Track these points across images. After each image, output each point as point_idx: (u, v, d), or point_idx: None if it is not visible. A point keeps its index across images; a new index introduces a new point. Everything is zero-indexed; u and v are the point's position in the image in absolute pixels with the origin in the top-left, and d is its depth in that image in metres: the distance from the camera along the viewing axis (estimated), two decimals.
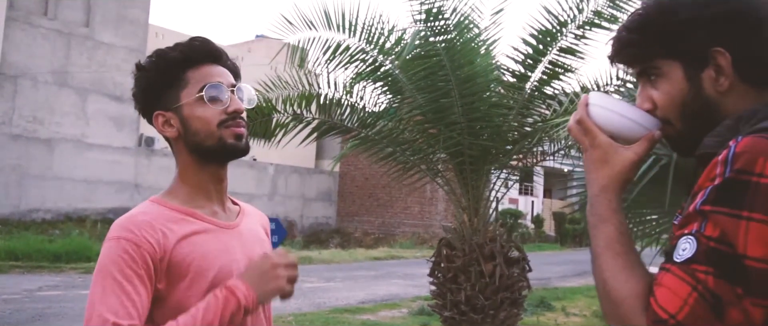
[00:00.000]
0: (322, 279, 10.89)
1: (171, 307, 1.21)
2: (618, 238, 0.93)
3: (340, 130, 4.97)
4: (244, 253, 1.32)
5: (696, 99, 0.99)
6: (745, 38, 0.96)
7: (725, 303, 0.78)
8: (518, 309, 4.84)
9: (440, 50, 4.13)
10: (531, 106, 4.84)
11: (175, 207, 1.27)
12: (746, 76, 0.97)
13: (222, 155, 1.28)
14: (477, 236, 4.74)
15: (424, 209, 19.94)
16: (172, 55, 1.27)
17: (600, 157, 0.99)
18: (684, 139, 1.02)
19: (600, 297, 0.94)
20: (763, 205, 0.79)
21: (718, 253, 0.79)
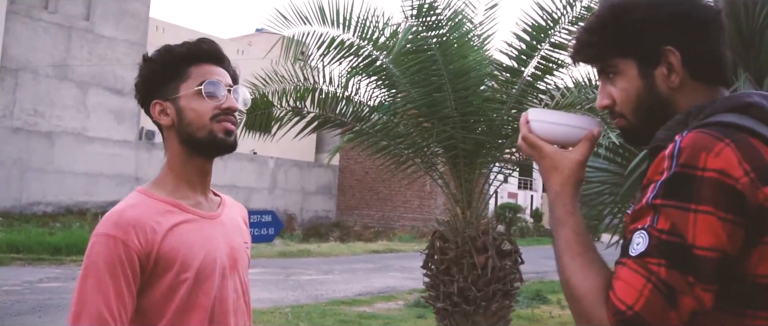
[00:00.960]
0: (321, 272, 10.98)
1: (158, 295, 1.26)
2: (575, 239, 0.99)
3: (334, 124, 5.03)
4: (225, 242, 1.38)
5: (650, 95, 1.05)
6: (693, 38, 1.03)
7: (678, 292, 0.84)
8: (510, 301, 4.90)
9: (433, 45, 4.18)
10: (524, 101, 4.89)
11: (161, 198, 1.33)
12: (696, 73, 1.04)
13: (210, 148, 1.35)
14: (470, 229, 4.80)
15: (423, 203, 20.01)
16: (179, 50, 1.35)
17: (549, 165, 1.06)
18: (638, 131, 1.09)
19: (565, 296, 1.00)
20: (708, 197, 0.85)
21: (669, 245, 0.85)
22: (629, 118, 1.08)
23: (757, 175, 0.87)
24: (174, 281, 1.26)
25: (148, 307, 1.26)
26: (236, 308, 1.39)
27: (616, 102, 1.08)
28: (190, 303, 1.28)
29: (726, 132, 0.90)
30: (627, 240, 0.92)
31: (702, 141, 0.88)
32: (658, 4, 1.04)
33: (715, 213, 0.85)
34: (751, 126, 0.92)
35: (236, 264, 1.40)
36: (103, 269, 1.21)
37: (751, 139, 0.90)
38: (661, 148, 0.99)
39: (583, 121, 1.09)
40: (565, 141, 1.08)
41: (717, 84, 1.05)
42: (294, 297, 8.26)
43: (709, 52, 1.03)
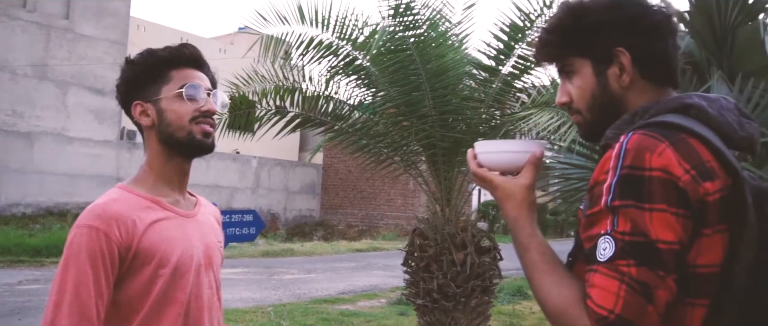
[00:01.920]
0: (303, 270, 10.99)
1: (136, 288, 1.30)
2: (541, 259, 1.03)
3: (314, 123, 5.06)
4: (201, 241, 1.43)
5: (603, 93, 1.11)
6: (643, 40, 1.09)
7: (652, 287, 0.89)
8: (489, 297, 4.97)
9: (410, 45, 4.23)
10: (502, 99, 4.96)
11: (142, 194, 1.37)
12: (645, 73, 1.10)
13: (189, 149, 1.40)
14: (449, 226, 4.86)
15: (407, 201, 20.06)
16: (161, 54, 1.41)
17: (502, 195, 1.11)
18: (592, 127, 1.15)
19: (547, 317, 1.03)
20: (659, 196, 0.91)
21: (635, 245, 0.90)
22: (585, 114, 1.14)
23: (697, 172, 0.92)
24: (152, 275, 1.30)
25: (126, 300, 1.30)
26: (210, 304, 1.44)
27: (573, 99, 1.15)
28: (167, 297, 1.32)
29: (666, 133, 0.95)
30: (591, 248, 0.95)
31: (645, 142, 0.94)
32: (612, 8, 1.09)
33: (668, 209, 0.90)
34: (691, 126, 0.98)
35: (211, 261, 1.45)
36: (85, 259, 1.23)
37: (689, 138, 0.96)
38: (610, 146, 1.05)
39: (525, 146, 1.14)
40: (512, 167, 1.14)
41: (665, 84, 1.11)
42: (277, 297, 8.27)
43: (657, 54, 1.09)
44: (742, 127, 1.05)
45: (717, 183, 0.93)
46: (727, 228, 0.93)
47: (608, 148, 1.03)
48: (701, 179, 0.92)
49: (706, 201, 0.92)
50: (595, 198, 0.97)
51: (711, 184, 0.93)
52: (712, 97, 1.07)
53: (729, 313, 0.90)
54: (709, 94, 1.08)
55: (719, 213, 0.93)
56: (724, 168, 0.95)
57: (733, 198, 0.93)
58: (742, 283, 0.90)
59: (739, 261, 0.91)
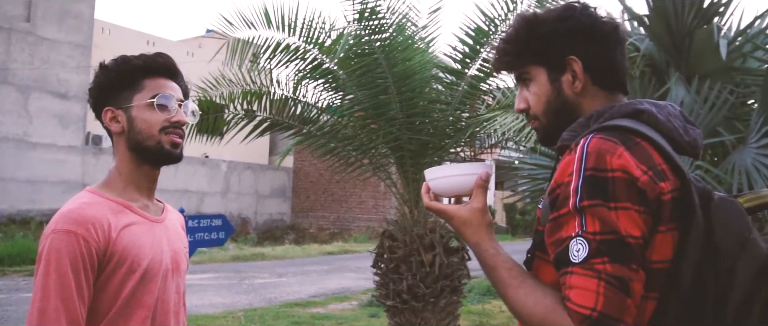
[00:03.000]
0: (275, 274, 10.94)
1: (110, 293, 1.31)
2: (509, 275, 1.07)
3: (283, 126, 5.07)
4: (169, 246, 1.45)
5: (557, 98, 1.17)
6: (593, 49, 1.15)
7: (628, 280, 0.93)
8: (458, 297, 5.03)
9: (376, 49, 4.28)
10: (468, 102, 5.04)
11: (112, 198, 1.39)
12: (596, 80, 1.16)
13: (157, 158, 1.42)
14: (418, 227, 4.91)
15: (378, 203, 20.10)
16: (135, 62, 1.42)
17: (458, 223, 1.15)
18: (549, 131, 1.20)
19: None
20: (623, 195, 0.96)
21: (606, 243, 0.94)
22: (541, 119, 1.20)
23: (653, 173, 0.98)
24: (123, 279, 1.32)
25: (96, 302, 1.31)
26: (177, 309, 1.46)
27: (531, 105, 1.20)
28: (134, 301, 1.33)
29: (622, 137, 1.01)
30: (562, 251, 0.98)
31: (604, 146, 0.99)
32: (564, 18, 1.15)
33: (632, 207, 0.95)
34: (644, 131, 1.04)
35: (178, 267, 1.47)
36: (66, 264, 1.24)
37: (643, 142, 1.02)
38: (567, 147, 1.10)
39: (471, 168, 1.17)
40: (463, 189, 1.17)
41: (615, 90, 1.18)
42: (247, 301, 8.23)
43: (607, 62, 1.16)
44: (687, 133, 1.12)
45: (669, 184, 0.99)
46: (677, 226, 0.99)
47: (565, 150, 1.09)
48: (658, 179, 0.98)
49: (661, 200, 0.98)
50: (561, 200, 1.01)
51: (665, 184, 0.98)
52: (661, 104, 1.13)
53: (675, 306, 0.96)
54: (658, 101, 1.15)
55: (672, 212, 0.98)
56: (673, 171, 1.01)
57: (683, 198, 0.99)
58: (689, 279, 0.96)
59: (687, 257, 0.96)
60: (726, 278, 0.96)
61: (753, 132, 5.31)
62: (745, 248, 0.97)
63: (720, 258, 0.97)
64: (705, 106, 5.36)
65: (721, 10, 5.86)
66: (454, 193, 1.18)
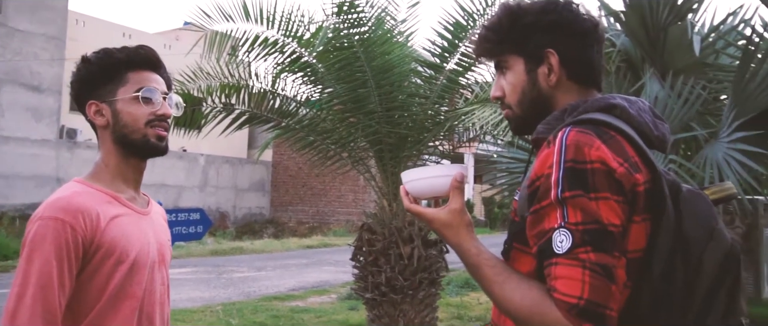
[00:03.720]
0: (253, 268, 10.90)
1: (98, 284, 1.31)
2: (493, 272, 1.08)
3: (261, 120, 5.05)
4: (155, 238, 1.46)
5: (532, 90, 1.19)
6: (571, 44, 1.17)
7: (611, 266, 0.96)
8: (436, 289, 5.08)
9: (355, 42, 4.28)
10: (446, 96, 5.07)
11: (101, 189, 1.39)
12: (571, 74, 1.19)
13: (143, 151, 1.43)
14: (396, 220, 4.94)
15: (357, 197, 20.12)
16: (118, 56, 1.42)
17: (438, 226, 1.16)
18: (522, 121, 1.23)
19: (516, 323, 1.07)
20: (602, 185, 0.98)
21: (589, 232, 0.96)
22: (515, 109, 1.22)
23: (628, 165, 1.01)
24: (111, 270, 1.32)
25: (84, 293, 1.31)
26: (162, 301, 1.47)
27: (505, 94, 1.22)
28: (123, 292, 1.34)
29: (597, 130, 1.04)
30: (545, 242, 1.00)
31: (582, 138, 1.02)
32: (547, 12, 1.18)
33: (612, 197, 0.98)
34: (617, 124, 1.07)
35: (163, 259, 1.48)
36: (50, 251, 1.24)
37: (617, 135, 1.05)
38: (543, 140, 1.13)
39: (446, 170, 1.18)
40: (439, 191, 1.18)
41: (590, 86, 1.20)
42: (226, 295, 8.20)
43: (583, 57, 1.18)
44: (656, 127, 1.15)
45: (642, 176, 1.02)
46: (649, 217, 1.02)
47: (542, 142, 1.12)
48: (634, 170, 1.01)
49: (636, 191, 1.01)
50: (541, 192, 1.03)
51: (640, 176, 1.01)
52: (632, 99, 1.16)
53: (647, 294, 0.99)
54: (629, 97, 1.18)
55: (645, 203, 1.01)
56: (645, 164, 1.04)
57: (655, 190, 1.02)
58: (660, 267, 0.99)
59: (658, 246, 1.00)
60: (695, 266, 1.00)
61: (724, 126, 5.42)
62: (712, 237, 1.01)
63: (689, 247, 1.00)
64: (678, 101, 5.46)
65: (694, 7, 5.96)
66: (430, 195, 1.19)
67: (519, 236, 1.12)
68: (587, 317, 0.94)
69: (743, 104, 5.35)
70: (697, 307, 0.99)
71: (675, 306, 0.99)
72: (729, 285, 1.02)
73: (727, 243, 1.02)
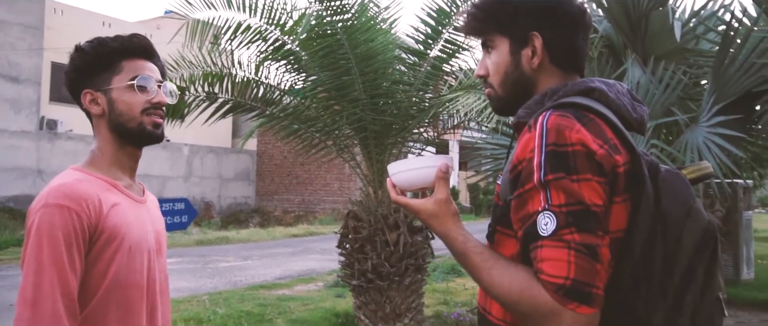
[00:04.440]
0: (239, 258, 10.88)
1: (99, 271, 1.31)
2: (480, 259, 1.09)
3: (245, 109, 5.02)
4: (152, 227, 1.47)
5: (515, 71, 1.21)
6: (557, 29, 1.19)
7: (595, 246, 0.98)
8: (422, 275, 5.11)
9: (338, 29, 4.27)
10: (430, 83, 5.08)
11: (100, 177, 1.40)
12: (554, 59, 1.20)
13: (139, 139, 1.44)
14: (382, 207, 4.95)
15: (343, 185, 20.12)
16: (112, 45, 1.43)
17: (425, 217, 1.17)
18: (503, 101, 1.24)
19: (507, 309, 1.08)
20: (584, 167, 1.00)
21: (573, 213, 0.98)
22: (497, 88, 1.23)
23: (608, 147, 1.03)
24: (112, 257, 1.32)
25: (85, 280, 1.31)
26: (162, 289, 1.48)
27: (489, 73, 1.24)
28: (125, 280, 1.34)
29: (577, 113, 1.05)
30: (530, 226, 1.02)
31: (562, 122, 1.03)
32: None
33: (593, 178, 1.00)
34: (597, 107, 1.08)
35: (161, 248, 1.50)
36: (59, 238, 1.24)
37: (596, 118, 1.06)
38: (524, 124, 1.14)
39: (431, 160, 1.19)
40: (425, 182, 1.19)
41: (572, 71, 1.22)
42: (212, 285, 8.18)
43: (567, 43, 1.20)
44: (634, 110, 1.17)
45: (622, 158, 1.04)
46: (629, 197, 1.04)
47: (523, 126, 1.13)
48: (614, 152, 1.03)
49: (616, 172, 1.03)
50: (524, 176, 1.04)
51: (619, 157, 1.03)
52: (610, 82, 1.18)
53: (628, 272, 1.01)
54: (608, 80, 1.19)
55: (625, 184, 1.03)
56: (624, 145, 1.06)
57: (634, 171, 1.04)
58: (640, 245, 1.01)
59: (638, 225, 1.02)
60: (673, 243, 1.02)
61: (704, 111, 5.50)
62: (689, 215, 1.04)
63: (668, 225, 1.02)
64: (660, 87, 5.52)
65: None
66: (416, 186, 1.20)
67: (502, 219, 1.14)
68: (574, 296, 0.96)
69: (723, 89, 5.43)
70: (676, 283, 1.02)
71: (655, 282, 1.01)
72: (707, 262, 1.04)
73: (705, 220, 1.05)
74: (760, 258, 9.95)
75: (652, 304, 1.01)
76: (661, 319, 1.01)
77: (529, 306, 1.00)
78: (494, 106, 1.27)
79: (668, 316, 1.01)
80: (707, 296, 1.05)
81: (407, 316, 4.94)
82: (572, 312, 0.96)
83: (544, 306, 0.98)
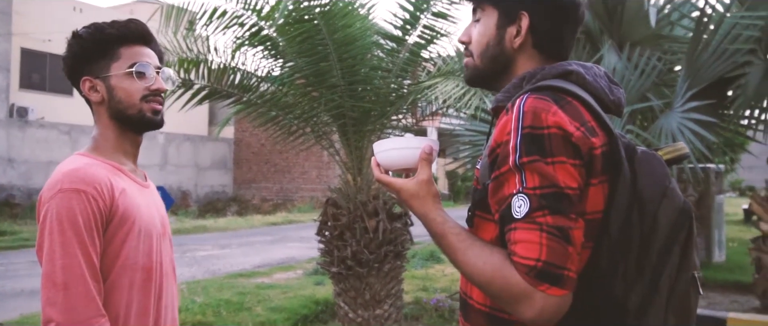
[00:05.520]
0: (218, 246, 10.81)
1: (111, 254, 1.34)
2: (457, 239, 1.09)
3: (222, 95, 4.95)
4: (157, 211, 1.50)
5: (497, 46, 1.21)
6: (545, 14, 1.19)
7: (567, 228, 0.98)
8: (402, 262, 5.12)
9: (316, 15, 4.22)
10: (409, 69, 5.06)
11: (106, 161, 1.42)
12: (537, 43, 1.20)
13: (139, 125, 1.46)
14: (361, 194, 4.95)
15: (321, 173, 20.07)
16: (110, 31, 1.44)
17: (406, 196, 1.17)
18: (477, 72, 1.24)
19: (482, 290, 1.08)
20: (559, 149, 1.00)
21: (546, 196, 0.98)
22: (476, 58, 1.23)
23: (585, 129, 1.03)
24: (123, 239, 1.35)
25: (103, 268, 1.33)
26: (169, 271, 1.51)
27: (472, 41, 1.24)
28: (135, 263, 1.37)
29: (555, 96, 1.06)
30: (505, 209, 1.02)
31: (539, 104, 1.04)
32: None
33: (568, 161, 1.00)
34: (574, 90, 1.09)
35: (166, 231, 1.53)
36: (79, 222, 1.27)
37: (573, 101, 1.07)
38: (502, 108, 1.14)
39: (416, 141, 1.19)
40: (408, 162, 1.19)
41: (553, 60, 1.21)
42: (190, 273, 8.12)
43: (553, 31, 1.19)
44: (612, 92, 1.18)
45: (599, 140, 1.04)
46: (607, 178, 1.05)
47: (501, 110, 1.14)
48: (590, 134, 1.04)
49: (593, 154, 1.03)
50: (501, 159, 1.05)
51: (596, 140, 1.04)
52: (588, 65, 1.19)
53: (606, 251, 1.02)
54: (585, 63, 1.20)
55: (602, 166, 1.04)
56: (601, 127, 1.06)
57: (611, 152, 1.05)
58: (617, 225, 1.02)
59: (615, 206, 1.03)
60: (650, 223, 1.03)
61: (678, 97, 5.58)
62: (665, 195, 1.05)
63: (644, 205, 1.03)
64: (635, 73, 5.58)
65: None
66: (400, 166, 1.20)
67: (481, 204, 1.14)
68: (545, 278, 0.97)
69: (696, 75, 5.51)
70: (653, 263, 1.03)
71: (632, 262, 1.02)
72: (683, 241, 1.06)
73: (680, 200, 1.06)
74: (731, 241, 10.19)
75: (630, 284, 1.02)
76: (638, 298, 1.02)
77: (501, 287, 1.01)
78: (468, 74, 1.27)
79: (645, 295, 1.02)
80: (683, 275, 1.06)
81: (387, 303, 4.96)
82: (543, 293, 0.97)
83: (515, 287, 0.99)
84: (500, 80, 1.22)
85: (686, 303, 1.07)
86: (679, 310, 1.06)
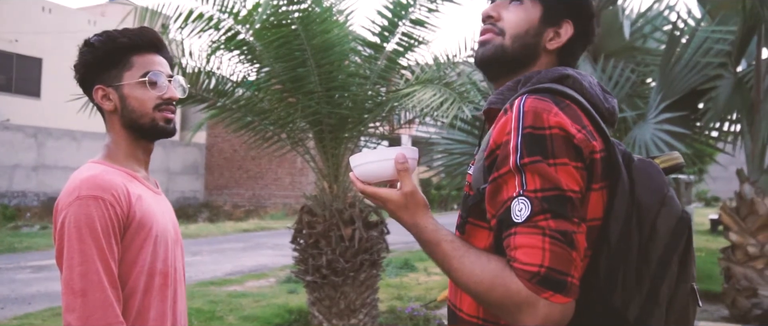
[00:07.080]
0: (188, 253, 10.61)
1: (129, 259, 1.34)
2: (451, 247, 1.05)
3: (195, 100, 4.86)
4: (170, 218, 1.51)
5: (534, 37, 1.18)
6: (582, 26, 1.20)
7: (571, 232, 0.94)
8: (377, 270, 5.08)
9: (294, 20, 4.17)
10: (387, 76, 5.04)
11: (120, 169, 1.42)
12: (562, 50, 1.19)
13: (152, 134, 1.47)
14: (337, 202, 4.89)
15: (295, 179, 19.92)
16: (122, 40, 1.43)
17: (393, 207, 1.12)
18: (504, 52, 1.18)
19: (480, 301, 1.03)
20: (561, 151, 0.97)
21: (548, 199, 0.95)
22: (507, 38, 1.18)
23: (586, 132, 1.01)
24: (140, 246, 1.36)
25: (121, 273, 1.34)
26: (182, 277, 1.52)
27: (504, 20, 1.19)
28: (153, 269, 1.38)
29: (554, 98, 1.04)
30: (504, 212, 0.99)
31: (540, 105, 1.01)
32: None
33: (570, 163, 0.97)
34: (572, 93, 1.07)
35: (178, 238, 1.54)
36: (98, 229, 1.27)
37: (572, 104, 1.05)
38: (496, 111, 1.11)
39: (387, 153, 1.15)
40: (386, 175, 1.15)
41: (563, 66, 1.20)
42: None
43: (577, 43, 1.21)
44: (606, 100, 1.17)
45: (598, 144, 1.02)
46: (606, 185, 1.02)
47: (495, 113, 1.12)
48: (591, 137, 1.01)
49: (594, 158, 1.01)
50: (500, 159, 1.01)
51: (596, 143, 1.01)
52: (582, 72, 1.18)
53: (605, 260, 0.99)
54: (580, 70, 1.18)
55: (602, 171, 1.02)
56: (598, 133, 1.04)
57: (609, 158, 1.03)
58: (616, 234, 0.99)
59: (614, 214, 1.00)
60: (649, 232, 1.01)
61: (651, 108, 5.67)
62: (664, 203, 1.03)
63: (643, 213, 1.01)
64: (609, 84, 5.65)
65: None
66: (380, 178, 1.16)
67: (474, 210, 1.10)
68: (548, 285, 0.93)
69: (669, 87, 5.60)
70: (652, 272, 1.00)
71: (631, 272, 0.99)
72: (681, 251, 1.04)
73: (679, 209, 1.04)
74: (699, 251, 10.38)
75: (629, 294, 0.99)
76: (637, 309, 0.99)
77: (501, 295, 0.96)
78: (489, 51, 1.19)
79: (644, 306, 1.00)
80: (682, 286, 1.04)
81: (362, 312, 4.90)
82: (546, 301, 0.93)
83: (517, 294, 0.94)
84: (515, 69, 1.19)
85: (685, 316, 1.05)
86: (678, 323, 1.04)
